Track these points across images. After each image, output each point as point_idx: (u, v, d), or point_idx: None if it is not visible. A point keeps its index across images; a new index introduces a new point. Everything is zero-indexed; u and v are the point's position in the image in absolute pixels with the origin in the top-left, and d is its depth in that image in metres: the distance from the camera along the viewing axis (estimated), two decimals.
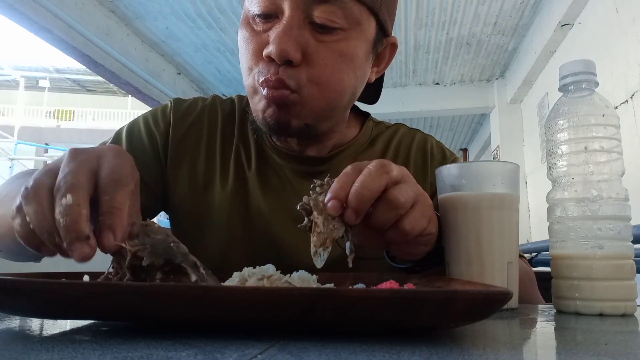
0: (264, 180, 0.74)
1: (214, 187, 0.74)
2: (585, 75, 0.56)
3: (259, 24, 0.63)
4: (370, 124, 0.84)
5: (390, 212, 0.48)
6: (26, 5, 2.55)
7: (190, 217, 0.75)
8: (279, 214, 0.73)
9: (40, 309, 0.36)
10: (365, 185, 0.46)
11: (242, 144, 0.76)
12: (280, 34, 0.60)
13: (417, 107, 4.53)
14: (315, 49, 0.61)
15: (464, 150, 6.65)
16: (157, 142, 0.75)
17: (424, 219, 0.51)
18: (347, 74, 0.64)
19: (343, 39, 0.63)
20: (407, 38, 3.60)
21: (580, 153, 0.54)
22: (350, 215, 0.46)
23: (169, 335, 0.34)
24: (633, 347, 0.37)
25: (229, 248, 0.73)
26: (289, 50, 0.59)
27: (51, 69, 13.90)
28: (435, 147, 0.82)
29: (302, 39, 0.61)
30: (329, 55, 0.62)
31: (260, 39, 0.62)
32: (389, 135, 0.83)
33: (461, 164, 0.57)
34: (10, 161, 11.12)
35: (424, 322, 0.34)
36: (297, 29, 0.60)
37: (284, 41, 0.59)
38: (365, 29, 0.65)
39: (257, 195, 0.74)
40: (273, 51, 0.59)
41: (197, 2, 3.13)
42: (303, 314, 0.32)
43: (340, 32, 0.62)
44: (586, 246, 0.53)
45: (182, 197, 0.75)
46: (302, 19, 0.61)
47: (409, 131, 0.85)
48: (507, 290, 0.33)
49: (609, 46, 2.33)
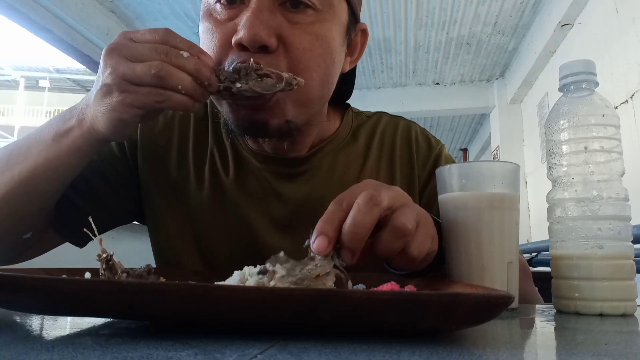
0: (243, 185, 0.71)
1: (189, 195, 0.71)
2: (585, 75, 0.56)
3: (222, 13, 0.58)
4: (350, 115, 0.79)
5: (397, 241, 0.46)
6: (26, 5, 2.55)
7: (167, 224, 0.71)
8: (261, 219, 0.70)
9: (42, 305, 0.36)
10: (358, 222, 0.43)
11: (217, 149, 0.73)
12: (251, 17, 0.54)
13: (417, 107, 4.53)
14: (290, 31, 0.57)
15: (463, 150, 6.65)
16: (125, 148, 0.72)
17: (428, 240, 0.49)
18: (324, 58, 0.59)
19: (318, 21, 0.59)
20: (407, 38, 3.60)
21: (580, 153, 0.54)
22: (346, 255, 0.44)
23: (169, 335, 0.34)
24: (633, 347, 0.37)
25: (209, 252, 0.71)
26: (262, 34, 0.54)
27: (51, 69, 13.88)
28: (420, 136, 0.79)
29: (275, 21, 0.56)
30: (305, 37, 0.57)
31: (226, 27, 0.57)
32: (371, 126, 0.79)
33: (461, 163, 0.57)
34: None
35: (426, 324, 0.34)
36: (268, 11, 0.56)
37: (255, 25, 0.54)
38: (337, 12, 0.62)
39: (237, 201, 0.70)
40: (244, 36, 0.54)
41: (197, 2, 3.13)
42: (305, 315, 0.32)
43: (314, 13, 0.58)
44: (586, 246, 0.53)
45: (156, 208, 0.72)
46: (272, 1, 0.57)
47: (391, 119, 0.81)
48: (509, 294, 0.33)
49: (609, 46, 2.33)
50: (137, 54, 0.50)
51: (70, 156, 0.56)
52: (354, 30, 0.68)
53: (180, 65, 0.50)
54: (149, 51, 0.50)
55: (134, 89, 0.50)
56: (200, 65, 0.51)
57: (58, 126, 0.56)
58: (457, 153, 6.76)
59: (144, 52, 0.50)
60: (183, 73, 0.50)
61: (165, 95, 0.50)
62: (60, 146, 0.56)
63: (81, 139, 0.55)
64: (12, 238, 0.62)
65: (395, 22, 3.36)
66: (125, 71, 0.49)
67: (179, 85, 0.49)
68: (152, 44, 0.51)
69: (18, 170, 0.57)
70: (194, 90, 0.51)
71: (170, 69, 0.49)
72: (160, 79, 0.49)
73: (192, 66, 0.51)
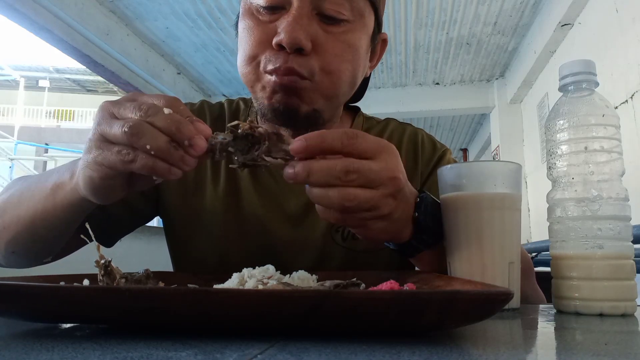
0: (257, 179, 0.74)
1: (205, 189, 0.74)
2: (585, 75, 0.56)
3: (265, 15, 0.64)
4: (361, 119, 0.84)
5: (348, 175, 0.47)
6: (26, 5, 2.55)
7: (183, 221, 0.75)
8: (274, 213, 0.73)
9: (41, 313, 0.36)
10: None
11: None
12: (292, 22, 0.60)
13: (417, 107, 4.53)
14: (324, 39, 0.63)
15: (463, 150, 6.65)
16: None
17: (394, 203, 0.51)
18: (353, 64, 0.66)
19: (349, 31, 0.65)
20: (407, 38, 3.60)
21: (580, 153, 0.54)
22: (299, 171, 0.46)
23: (169, 335, 0.34)
24: (633, 347, 0.37)
25: (224, 249, 0.73)
26: (301, 38, 0.60)
27: (51, 69, 13.89)
28: (426, 139, 0.83)
29: (312, 28, 0.62)
30: (337, 45, 0.64)
31: (267, 28, 0.63)
32: (379, 129, 0.83)
33: (463, 163, 0.57)
34: (10, 161, 11.11)
35: (426, 323, 0.34)
36: (307, 19, 0.62)
37: (295, 29, 0.60)
38: (367, 23, 0.68)
39: (251, 195, 0.74)
40: (285, 39, 0.60)
41: (197, 2, 3.13)
42: (306, 316, 0.32)
43: (346, 24, 0.64)
44: (586, 246, 0.53)
45: (173, 201, 0.75)
46: (310, 10, 0.62)
47: (400, 125, 0.85)
48: (508, 291, 0.33)
49: (609, 46, 2.33)
50: (122, 111, 0.46)
51: (63, 210, 0.55)
52: (376, 40, 0.73)
53: (154, 123, 0.44)
54: (132, 108, 0.45)
55: (107, 147, 0.45)
56: (181, 124, 0.44)
57: (59, 176, 0.56)
58: (457, 153, 6.76)
59: (127, 109, 0.46)
60: (157, 132, 0.43)
61: (133, 155, 0.44)
62: (56, 198, 0.55)
63: (70, 194, 0.53)
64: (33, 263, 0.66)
65: (395, 22, 3.36)
66: (104, 128, 0.45)
67: (148, 144, 0.43)
68: (141, 102, 0.46)
69: (24, 213, 0.59)
70: (168, 152, 0.43)
71: (143, 126, 0.43)
72: (130, 137, 0.43)
73: (169, 125, 0.43)
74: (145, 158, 0.43)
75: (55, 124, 14.61)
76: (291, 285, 0.44)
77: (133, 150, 0.44)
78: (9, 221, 0.60)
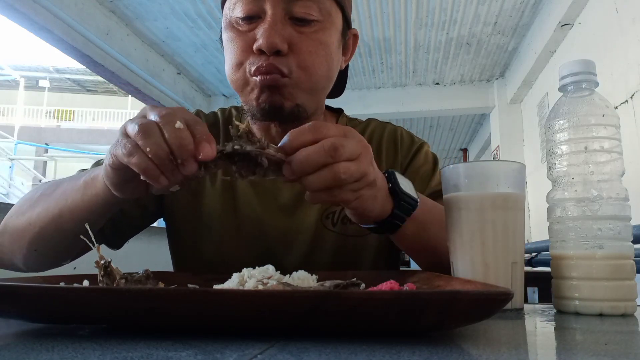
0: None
1: (204, 186, 0.81)
2: (585, 75, 0.56)
3: (243, 25, 0.71)
4: (344, 119, 0.90)
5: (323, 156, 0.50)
6: (26, 5, 2.55)
7: (185, 221, 0.81)
8: (269, 205, 0.79)
9: (41, 314, 0.36)
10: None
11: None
12: (268, 29, 0.68)
13: (417, 107, 4.53)
14: (298, 39, 0.70)
15: (463, 150, 6.64)
16: None
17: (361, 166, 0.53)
18: (326, 59, 0.73)
19: (320, 30, 0.72)
20: (407, 38, 3.60)
21: (580, 153, 0.54)
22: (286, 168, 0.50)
23: (169, 335, 0.34)
24: (633, 347, 0.37)
25: (223, 245, 0.78)
26: (277, 41, 0.67)
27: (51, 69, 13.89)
28: (405, 134, 0.89)
29: (286, 32, 0.69)
30: (310, 43, 0.71)
31: (247, 37, 0.70)
32: (361, 129, 0.89)
33: (466, 163, 0.57)
34: (10, 161, 11.12)
35: (427, 323, 0.34)
36: (281, 24, 0.69)
37: (271, 35, 0.67)
38: (335, 21, 0.75)
39: (246, 189, 0.80)
40: (263, 44, 0.67)
41: (197, 2, 3.13)
42: (306, 316, 0.32)
43: (317, 24, 0.71)
44: (586, 246, 0.53)
45: (175, 201, 0.80)
46: (283, 16, 0.69)
47: (380, 124, 0.91)
48: (508, 291, 0.33)
49: (609, 46, 2.33)
50: (149, 113, 0.50)
51: (91, 202, 0.60)
52: (346, 35, 0.80)
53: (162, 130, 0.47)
54: (154, 113, 0.49)
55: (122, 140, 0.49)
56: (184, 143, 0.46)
57: (95, 171, 0.60)
58: (457, 153, 6.76)
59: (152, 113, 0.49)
60: (162, 140, 0.46)
61: (135, 150, 0.47)
62: (86, 191, 0.60)
63: (99, 187, 0.58)
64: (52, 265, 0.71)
65: (395, 22, 3.35)
66: (129, 124, 0.49)
67: (148, 147, 0.46)
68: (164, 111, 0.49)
69: (52, 206, 0.63)
70: (162, 161, 0.46)
71: (152, 130, 0.47)
72: (137, 134, 0.47)
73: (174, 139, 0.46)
74: (141, 157, 0.47)
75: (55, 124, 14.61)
76: (291, 286, 0.44)
77: (135, 147, 0.47)
78: (36, 217, 0.64)
